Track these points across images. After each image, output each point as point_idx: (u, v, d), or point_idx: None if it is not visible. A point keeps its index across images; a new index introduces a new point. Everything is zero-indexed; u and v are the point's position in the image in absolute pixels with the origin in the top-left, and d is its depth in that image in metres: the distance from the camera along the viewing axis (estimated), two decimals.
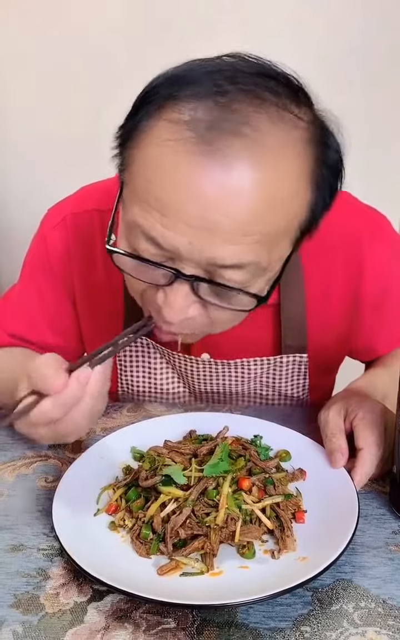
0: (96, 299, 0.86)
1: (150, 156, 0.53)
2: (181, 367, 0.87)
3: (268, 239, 0.54)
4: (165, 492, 0.61)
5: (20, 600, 0.54)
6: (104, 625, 0.52)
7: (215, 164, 0.50)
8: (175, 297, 0.56)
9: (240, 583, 0.54)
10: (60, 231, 0.83)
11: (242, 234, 0.52)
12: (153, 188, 0.52)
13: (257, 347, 0.84)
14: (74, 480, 0.66)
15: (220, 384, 0.88)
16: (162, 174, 0.52)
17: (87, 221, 0.82)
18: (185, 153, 0.50)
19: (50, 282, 0.86)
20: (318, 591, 0.55)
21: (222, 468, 0.63)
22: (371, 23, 1.57)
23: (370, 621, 0.52)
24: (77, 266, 0.84)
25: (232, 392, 0.89)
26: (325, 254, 0.77)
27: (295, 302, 0.79)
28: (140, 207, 0.54)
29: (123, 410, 0.86)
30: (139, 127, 0.54)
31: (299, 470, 0.68)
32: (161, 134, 0.52)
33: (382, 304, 0.83)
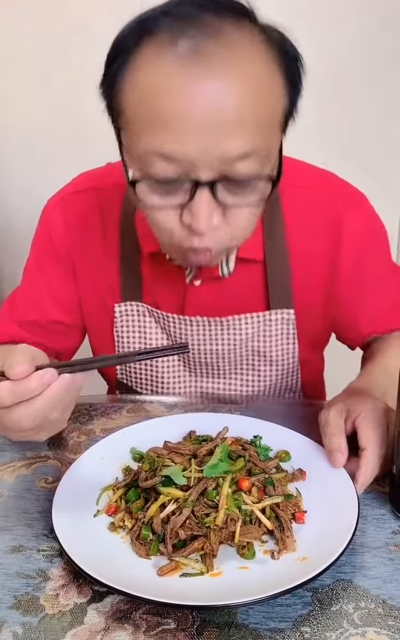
0: (94, 274, 0.89)
1: (142, 83, 0.58)
2: (175, 332, 0.88)
3: (262, 126, 0.60)
4: (165, 492, 0.61)
5: (20, 601, 0.54)
6: (103, 626, 0.52)
7: (202, 70, 0.56)
8: (199, 207, 0.61)
9: (240, 584, 0.54)
10: (60, 210, 0.88)
11: (239, 124, 0.58)
12: (153, 109, 0.58)
13: (248, 308, 0.87)
14: (73, 481, 0.66)
15: (213, 349, 0.89)
16: (157, 93, 0.57)
17: (85, 199, 0.87)
18: (172, 69, 0.56)
19: (54, 260, 0.89)
20: (318, 592, 0.55)
21: (221, 469, 0.63)
22: (370, 21, 1.57)
23: (370, 621, 0.52)
24: (77, 242, 0.88)
25: (223, 357, 0.90)
26: (306, 215, 0.83)
27: (279, 258, 0.84)
28: (146, 133, 0.59)
29: (122, 411, 0.86)
30: (122, 67, 0.60)
31: (299, 470, 0.68)
32: (146, 62, 0.58)
33: (358, 275, 0.86)
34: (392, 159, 1.72)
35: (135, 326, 0.91)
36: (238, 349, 0.89)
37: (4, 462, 0.75)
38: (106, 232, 0.87)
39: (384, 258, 0.89)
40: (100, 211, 0.87)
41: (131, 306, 0.89)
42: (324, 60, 1.57)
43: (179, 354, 0.65)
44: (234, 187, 0.62)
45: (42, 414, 0.54)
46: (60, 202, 0.89)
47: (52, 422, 0.56)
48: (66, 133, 1.70)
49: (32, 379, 0.53)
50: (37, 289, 0.91)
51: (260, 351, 0.89)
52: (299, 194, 0.83)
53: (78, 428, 0.82)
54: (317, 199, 0.83)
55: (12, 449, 0.77)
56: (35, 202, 1.07)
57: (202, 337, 0.88)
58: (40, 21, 1.61)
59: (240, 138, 0.58)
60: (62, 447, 0.77)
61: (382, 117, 1.66)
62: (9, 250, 1.89)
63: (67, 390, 0.55)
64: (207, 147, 0.58)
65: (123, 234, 0.87)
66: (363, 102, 1.64)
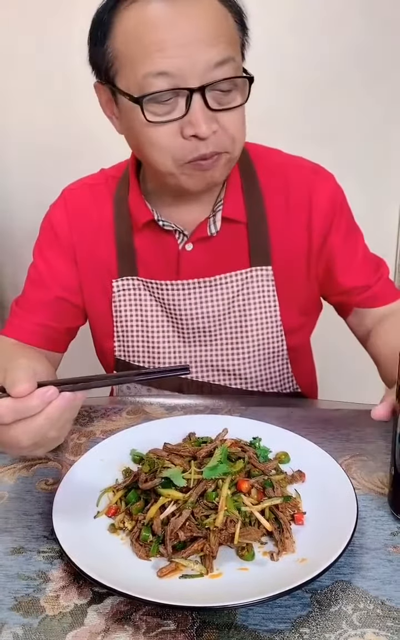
0: (93, 257, 0.96)
1: (133, 26, 0.74)
2: (168, 300, 0.94)
3: (229, 41, 0.76)
4: (165, 494, 0.62)
5: (20, 602, 0.55)
6: (104, 627, 0.52)
7: (179, 5, 0.73)
8: (198, 115, 0.74)
9: (240, 585, 0.54)
10: (60, 205, 0.98)
11: (215, 37, 0.74)
12: (146, 40, 0.72)
13: (235, 268, 0.94)
14: (73, 482, 0.66)
15: (203, 312, 0.94)
16: (148, 27, 0.73)
17: (80, 193, 0.98)
18: (155, 8, 0.73)
19: (57, 250, 0.97)
20: (317, 593, 0.55)
21: (221, 470, 0.63)
22: (371, 23, 1.57)
23: (369, 622, 0.52)
24: (77, 231, 0.96)
25: (212, 319, 0.94)
26: (280, 183, 0.93)
27: (258, 219, 0.93)
28: (141, 60, 0.73)
29: (122, 413, 0.87)
30: (109, 23, 0.76)
31: (298, 472, 0.69)
32: (130, 11, 0.74)
33: (330, 233, 0.94)
34: (393, 160, 1.72)
35: (131, 300, 0.96)
36: (225, 309, 0.94)
37: (4, 464, 0.75)
38: (101, 218, 0.96)
39: (348, 218, 0.97)
40: (94, 200, 0.97)
41: (127, 281, 0.95)
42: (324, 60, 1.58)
43: (179, 376, 0.67)
44: (220, 93, 0.76)
45: (42, 431, 0.55)
46: (60, 200, 0.99)
47: (51, 439, 0.57)
48: (68, 135, 1.70)
49: (34, 397, 0.53)
50: (41, 275, 0.97)
51: (244, 310, 0.94)
52: (273, 169, 0.94)
53: (78, 430, 0.82)
54: (290, 172, 0.94)
55: None
56: (36, 206, 1.08)
57: (192, 300, 0.94)
58: (41, 21, 1.61)
59: (216, 48, 0.73)
60: (63, 449, 0.78)
61: (382, 119, 1.67)
62: (10, 252, 1.89)
63: (66, 409, 0.55)
64: (193, 58, 0.72)
65: (117, 216, 0.95)
66: (364, 104, 1.64)
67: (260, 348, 0.96)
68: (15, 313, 0.98)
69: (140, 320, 0.96)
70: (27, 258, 1.01)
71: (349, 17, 1.56)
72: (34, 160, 1.78)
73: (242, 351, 0.96)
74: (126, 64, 0.75)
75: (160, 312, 0.96)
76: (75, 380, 0.57)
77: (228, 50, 0.75)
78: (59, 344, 0.99)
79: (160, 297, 0.95)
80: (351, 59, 1.59)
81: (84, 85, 1.63)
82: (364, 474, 0.71)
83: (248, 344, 0.95)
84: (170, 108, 0.75)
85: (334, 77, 1.61)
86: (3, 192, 1.85)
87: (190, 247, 0.92)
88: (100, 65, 0.79)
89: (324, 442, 0.75)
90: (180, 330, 0.96)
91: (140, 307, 0.96)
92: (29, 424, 0.54)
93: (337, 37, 1.56)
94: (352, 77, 1.61)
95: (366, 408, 0.86)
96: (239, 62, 0.78)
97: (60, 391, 0.55)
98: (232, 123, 0.78)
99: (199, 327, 0.95)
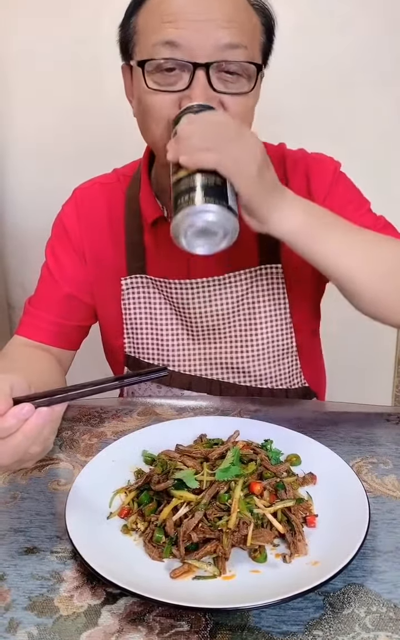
0: (103, 255, 0.97)
1: (155, 2, 0.76)
2: (178, 298, 0.94)
3: (245, 31, 0.76)
4: (178, 495, 0.62)
5: (35, 602, 0.55)
6: (117, 628, 0.52)
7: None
8: (198, 90, 0.73)
9: (253, 587, 0.54)
10: (71, 204, 0.99)
11: (229, 20, 0.74)
12: (162, 13, 0.74)
13: (245, 265, 0.93)
14: (86, 483, 0.67)
15: (212, 310, 0.94)
16: (166, 2, 0.74)
17: (92, 191, 0.99)
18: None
19: (68, 248, 0.98)
20: (330, 595, 0.55)
21: (233, 472, 0.64)
22: (380, 22, 1.57)
23: (382, 626, 0.52)
24: (87, 229, 0.97)
25: (222, 317, 0.94)
26: (281, 174, 0.87)
27: None
28: (156, 31, 0.75)
29: (133, 414, 0.87)
30: (137, 4, 0.78)
31: (310, 474, 0.69)
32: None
33: (331, 199, 0.90)
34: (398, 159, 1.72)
35: (141, 298, 0.97)
36: (234, 307, 0.94)
37: None
38: (112, 214, 0.97)
39: (345, 188, 0.93)
40: (106, 199, 0.97)
41: (136, 279, 0.95)
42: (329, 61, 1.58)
43: (157, 379, 0.67)
44: (226, 75, 0.75)
45: (21, 449, 0.55)
46: (72, 199, 1.00)
47: (34, 454, 0.57)
48: (75, 136, 1.71)
49: (8, 416, 0.54)
50: (52, 273, 0.98)
51: (254, 307, 0.94)
52: (276, 163, 0.90)
53: (89, 430, 0.83)
54: (288, 163, 0.93)
55: None
56: (44, 207, 1.10)
57: (202, 299, 0.94)
58: (44, 23, 1.62)
59: (228, 30, 0.74)
60: (74, 450, 0.78)
61: (392, 118, 1.66)
62: (18, 253, 1.90)
63: (43, 424, 0.55)
64: (203, 33, 0.73)
65: (128, 214, 0.95)
66: (373, 104, 1.64)
67: (269, 345, 0.96)
68: (28, 312, 0.99)
69: (150, 317, 0.97)
70: (35, 259, 1.02)
71: (358, 16, 1.56)
72: (41, 161, 1.79)
73: (252, 349, 0.96)
74: (142, 36, 0.77)
75: (169, 310, 0.96)
76: (51, 393, 0.58)
77: (240, 37, 0.75)
78: (71, 342, 1.00)
79: (169, 295, 0.95)
80: (360, 58, 1.59)
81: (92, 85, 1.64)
82: (375, 476, 0.71)
83: (257, 342, 0.96)
84: (174, 80, 0.75)
85: (343, 77, 1.61)
86: (11, 194, 1.86)
87: None
88: (125, 43, 0.81)
89: (334, 444, 0.76)
90: (189, 327, 0.96)
91: (150, 304, 0.97)
92: (8, 443, 0.54)
93: (346, 36, 1.57)
94: (361, 77, 1.61)
95: (377, 410, 0.87)
96: (252, 53, 0.77)
97: (36, 407, 0.55)
98: (234, 108, 0.77)
99: (209, 325, 0.95)
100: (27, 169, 1.82)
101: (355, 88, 1.62)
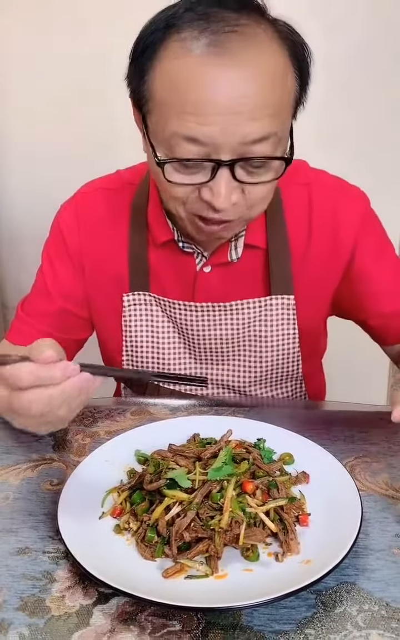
0: (103, 267, 0.93)
1: (170, 74, 0.66)
2: (181, 320, 0.92)
3: (278, 111, 0.67)
4: (170, 495, 0.62)
5: (26, 603, 0.55)
6: (109, 627, 0.52)
7: (224, 62, 0.64)
8: (220, 186, 0.69)
9: (245, 586, 0.54)
10: (71, 210, 0.94)
11: (258, 111, 0.65)
12: (181, 97, 0.65)
13: (251, 293, 0.91)
14: (78, 483, 0.67)
15: (216, 334, 0.92)
16: (185, 83, 0.65)
17: (94, 198, 0.94)
18: (200, 59, 0.64)
19: (65, 258, 0.94)
20: (322, 594, 0.55)
21: (226, 471, 0.63)
22: (372, 23, 1.57)
23: (373, 624, 0.52)
24: (87, 239, 0.93)
25: (226, 342, 0.92)
26: (305, 208, 0.89)
27: (281, 246, 0.89)
28: (174, 118, 0.66)
29: (127, 414, 0.87)
30: (151, 58, 0.67)
31: (302, 473, 0.69)
32: (174, 53, 0.65)
33: (359, 261, 0.89)
34: (397, 161, 1.72)
35: (142, 315, 0.94)
36: (240, 333, 0.92)
37: (9, 464, 0.75)
38: (115, 226, 0.92)
39: (378, 236, 0.92)
40: (109, 208, 0.92)
41: (139, 295, 0.93)
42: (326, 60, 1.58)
43: (195, 387, 0.67)
44: (251, 167, 0.69)
45: (54, 403, 0.55)
46: (72, 203, 0.95)
47: (58, 417, 0.57)
48: (73, 137, 1.71)
49: (56, 367, 0.54)
50: (46, 283, 0.95)
51: (260, 335, 0.92)
52: (298, 190, 0.89)
53: (82, 430, 0.82)
54: (315, 193, 0.89)
55: (17, 451, 0.78)
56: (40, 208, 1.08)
57: (207, 322, 0.91)
58: (43, 24, 1.62)
59: (258, 123, 0.66)
60: (67, 450, 0.78)
61: (387, 120, 1.67)
62: (14, 255, 1.89)
63: (82, 389, 0.55)
64: (229, 131, 0.65)
65: (133, 227, 0.91)
66: (368, 106, 1.64)
67: (274, 371, 0.94)
68: (20, 317, 0.96)
69: (151, 335, 0.94)
70: (31, 259, 1.01)
71: (352, 17, 1.56)
72: (37, 161, 1.79)
73: (255, 374, 0.94)
74: (158, 111, 0.69)
75: (172, 329, 0.94)
76: (96, 366, 0.58)
77: (272, 125, 0.67)
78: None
79: (172, 314, 0.92)
80: (355, 59, 1.59)
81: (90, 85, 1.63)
82: (368, 475, 0.71)
83: (261, 367, 0.94)
84: (194, 171, 0.69)
85: (337, 78, 1.61)
86: (7, 195, 1.86)
87: (209, 270, 0.89)
88: (136, 93, 0.71)
89: (328, 443, 0.75)
90: (191, 348, 0.94)
91: (151, 322, 0.94)
92: (44, 392, 0.54)
93: (340, 37, 1.57)
94: (356, 78, 1.61)
95: (370, 409, 0.87)
96: (282, 135, 0.70)
97: (80, 371, 0.55)
98: (256, 196, 0.72)
99: (212, 347, 0.93)
100: (23, 169, 1.81)
101: (352, 87, 1.62)
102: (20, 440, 0.80)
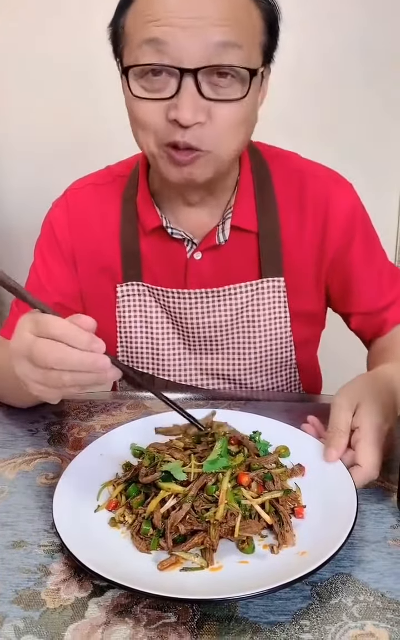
0: (95, 261, 0.93)
1: (141, 2, 0.71)
2: (175, 308, 0.92)
3: (241, 29, 0.70)
4: (165, 488, 0.62)
5: (21, 596, 0.55)
6: (104, 620, 0.52)
7: None
8: (185, 100, 0.69)
9: (240, 577, 0.54)
10: (62, 207, 0.94)
11: (224, 18, 0.68)
12: (149, 12, 0.69)
13: (244, 278, 0.91)
14: (74, 476, 0.66)
15: (210, 321, 0.92)
16: (153, 1, 0.69)
17: (84, 193, 0.94)
18: None
19: (57, 254, 0.94)
20: (317, 585, 0.55)
21: (221, 464, 0.63)
22: (372, 21, 1.57)
23: (369, 615, 0.52)
24: (79, 234, 0.93)
25: (220, 329, 0.93)
26: (296, 193, 0.90)
27: (271, 230, 0.90)
28: (142, 29, 0.69)
29: (122, 408, 0.87)
30: (125, 5, 0.73)
31: (298, 465, 0.69)
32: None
33: (345, 253, 0.91)
34: (393, 159, 1.72)
35: (136, 306, 0.94)
36: (233, 319, 0.92)
37: (4, 458, 0.75)
38: (106, 220, 0.93)
39: (366, 231, 0.93)
40: (99, 203, 0.93)
41: (132, 286, 0.93)
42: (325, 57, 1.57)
43: (194, 425, 0.70)
44: (216, 79, 0.70)
45: (67, 363, 0.54)
46: (62, 200, 0.95)
47: (63, 384, 0.56)
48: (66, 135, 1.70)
49: (87, 334, 0.54)
50: (39, 279, 0.94)
51: (253, 321, 0.93)
52: (290, 176, 0.91)
53: (78, 424, 0.82)
54: (307, 180, 0.90)
55: (13, 445, 0.78)
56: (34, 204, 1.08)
57: (200, 310, 0.92)
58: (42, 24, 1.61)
59: (219, 29, 0.68)
60: (63, 444, 0.78)
61: (383, 117, 1.66)
62: (7, 252, 1.89)
63: (97, 368, 0.55)
64: (192, 34, 0.68)
65: (124, 218, 0.92)
66: (364, 102, 1.63)
67: (268, 359, 0.95)
68: (14, 314, 0.95)
69: (145, 326, 0.94)
70: (25, 257, 1.00)
71: (350, 12, 1.55)
72: (33, 161, 1.78)
73: (249, 361, 0.94)
74: (129, 36, 0.72)
75: (166, 319, 0.94)
76: (120, 362, 0.59)
77: (235, 36, 0.69)
78: None
79: (166, 304, 0.93)
80: (352, 54, 1.59)
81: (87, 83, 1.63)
82: None
83: (255, 355, 0.94)
84: (160, 85, 0.71)
85: (335, 72, 1.60)
86: (2, 192, 1.85)
87: (199, 256, 0.90)
88: (116, 44, 0.76)
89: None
90: (185, 337, 0.94)
91: (145, 313, 0.94)
92: (65, 348, 0.54)
93: (338, 32, 1.56)
94: (353, 72, 1.61)
95: None
96: (249, 53, 0.71)
97: None
98: (224, 118, 0.72)
99: (206, 336, 0.93)
100: (19, 168, 1.81)
101: (346, 83, 1.61)
102: (16, 434, 0.80)
